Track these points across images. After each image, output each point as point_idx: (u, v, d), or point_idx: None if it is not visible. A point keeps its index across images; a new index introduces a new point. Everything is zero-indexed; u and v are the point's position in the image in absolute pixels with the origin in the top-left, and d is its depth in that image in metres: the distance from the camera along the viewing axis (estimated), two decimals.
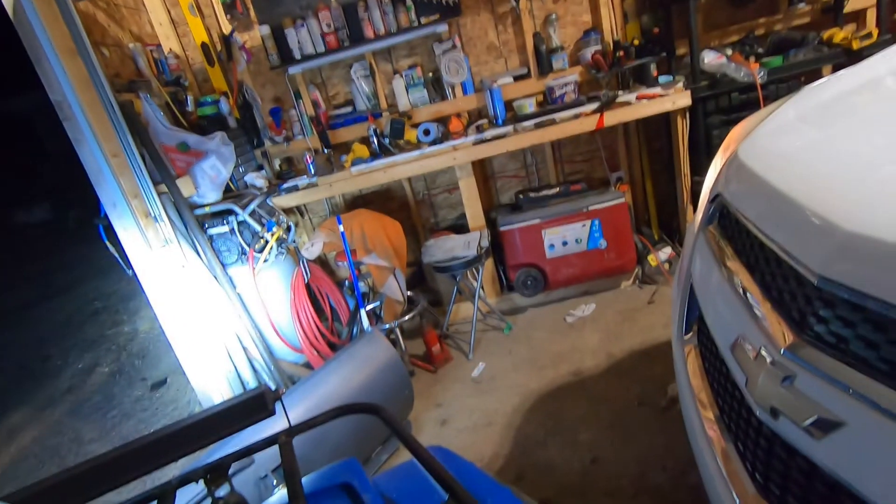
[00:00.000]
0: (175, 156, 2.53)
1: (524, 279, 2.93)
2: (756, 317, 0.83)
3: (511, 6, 2.94)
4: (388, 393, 2.06)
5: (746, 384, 0.80)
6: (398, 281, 2.65)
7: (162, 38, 2.98)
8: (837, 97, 1.13)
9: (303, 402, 1.87)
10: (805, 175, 0.88)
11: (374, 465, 2.06)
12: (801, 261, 0.74)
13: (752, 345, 0.81)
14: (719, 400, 0.99)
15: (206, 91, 3.13)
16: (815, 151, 0.94)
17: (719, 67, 2.57)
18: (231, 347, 2.58)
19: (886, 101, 1.02)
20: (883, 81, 1.13)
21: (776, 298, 0.81)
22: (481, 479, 0.86)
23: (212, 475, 0.67)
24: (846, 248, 0.66)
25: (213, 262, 2.49)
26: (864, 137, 0.90)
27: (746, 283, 0.88)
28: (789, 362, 0.72)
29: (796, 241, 0.77)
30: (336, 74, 3.21)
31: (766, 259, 0.87)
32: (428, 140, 2.90)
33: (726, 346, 0.89)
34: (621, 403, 2.10)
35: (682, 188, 2.86)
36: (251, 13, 3.01)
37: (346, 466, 0.85)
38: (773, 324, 0.79)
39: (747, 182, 1.00)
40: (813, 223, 0.74)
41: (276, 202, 2.86)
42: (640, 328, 2.58)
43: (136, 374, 3.66)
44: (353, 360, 2.05)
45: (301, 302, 2.72)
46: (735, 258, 0.97)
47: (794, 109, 1.17)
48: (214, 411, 0.70)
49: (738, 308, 0.89)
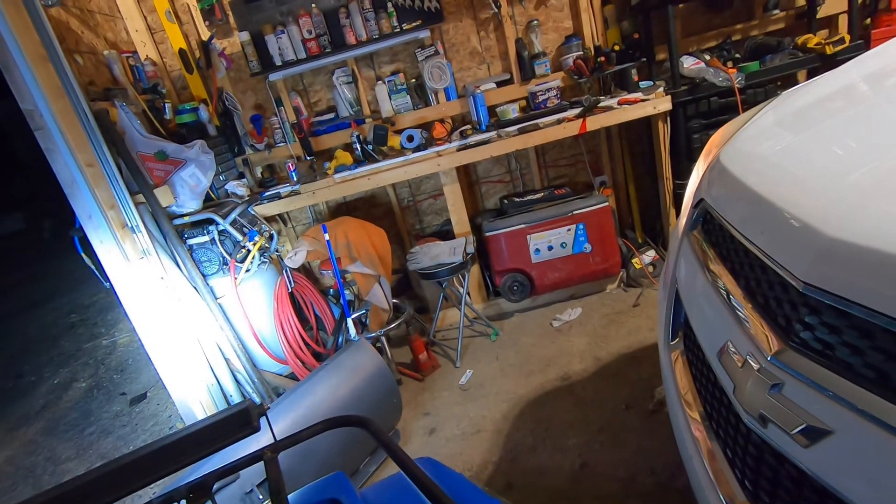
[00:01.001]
0: (153, 165, 2.48)
1: (510, 284, 2.93)
2: (742, 323, 0.83)
3: (493, 12, 2.95)
4: (376, 402, 2.04)
5: (734, 391, 0.80)
6: (383, 289, 2.62)
7: (138, 45, 2.92)
8: (816, 102, 1.15)
9: (289, 414, 1.83)
10: (787, 179, 0.88)
11: (362, 477, 2.03)
12: (785, 266, 0.74)
13: (739, 351, 0.81)
14: (707, 406, 0.99)
15: (185, 99, 3.07)
16: (796, 156, 0.95)
17: (698, 72, 2.60)
18: (213, 360, 2.53)
19: (863, 106, 1.03)
20: (858, 86, 1.15)
21: (762, 304, 0.81)
22: (470, 490, 0.86)
23: (194, 494, 0.65)
24: (829, 254, 0.66)
25: (194, 273, 2.44)
26: (844, 142, 0.91)
27: (731, 288, 0.89)
28: (776, 369, 0.72)
29: (780, 246, 0.77)
30: (318, 81, 3.18)
31: (751, 265, 0.87)
32: (412, 146, 2.89)
33: (713, 352, 0.89)
34: (609, 407, 2.10)
35: (665, 192, 2.89)
36: (230, 19, 2.97)
37: (334, 481, 0.84)
38: (758, 330, 0.78)
39: (730, 187, 1.01)
40: (796, 228, 0.74)
41: (258, 211, 2.82)
42: (626, 331, 2.59)
43: (114, 389, 3.56)
44: (340, 370, 2.02)
45: (285, 312, 2.68)
46: (719, 263, 0.97)
47: (774, 114, 1.19)
48: (197, 428, 0.68)
49: (724, 314, 0.89)
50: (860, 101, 1.09)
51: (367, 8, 2.85)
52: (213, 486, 0.67)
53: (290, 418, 1.82)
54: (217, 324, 2.48)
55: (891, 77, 1.07)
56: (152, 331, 2.33)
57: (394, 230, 3.46)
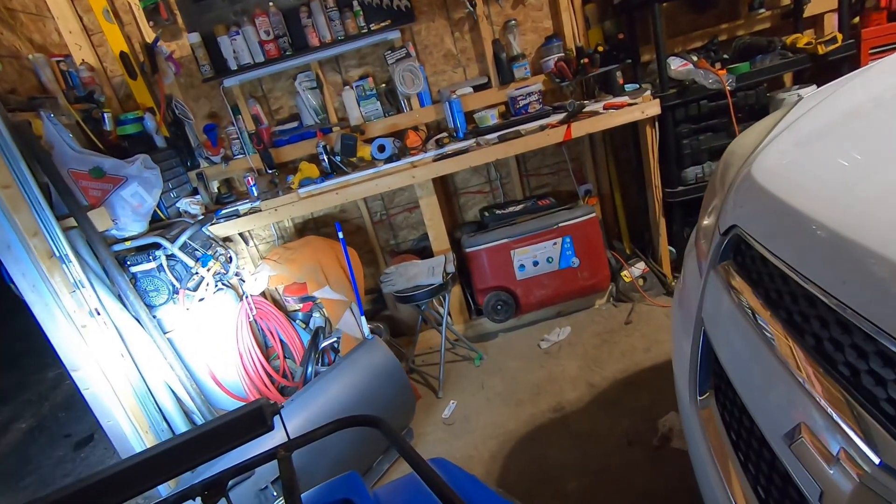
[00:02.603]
0: (88, 184, 2.18)
1: (494, 304, 2.72)
2: (819, 403, 0.63)
3: (467, 11, 2.75)
4: (389, 400, 2.04)
5: (822, 498, 0.59)
6: (355, 315, 2.37)
7: (73, 48, 2.61)
8: (857, 110, 0.97)
9: (303, 413, 1.83)
10: (857, 207, 0.69)
11: (375, 475, 2.03)
12: (886, 329, 0.54)
13: (825, 444, 0.61)
14: (761, 491, 0.79)
15: (130, 108, 2.76)
16: (861, 177, 0.76)
17: (687, 74, 2.45)
18: (163, 401, 2.23)
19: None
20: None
21: (848, 379, 0.61)
22: (483, 492, 0.83)
23: (209, 491, 0.65)
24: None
25: (137, 305, 2.14)
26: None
27: (798, 359, 0.68)
28: (889, 479, 0.52)
29: (878, 304, 0.57)
30: (279, 86, 2.92)
31: (821, 319, 0.67)
32: (383, 157, 2.65)
33: (778, 435, 0.69)
34: (610, 443, 1.90)
35: (654, 200, 2.73)
36: (178, 19, 2.68)
37: (347, 480, 0.85)
38: (849, 417, 0.58)
39: (777, 214, 0.81)
40: None
41: (214, 231, 2.54)
42: (620, 352, 2.41)
43: (58, 431, 3.21)
44: (353, 368, 2.01)
45: (245, 343, 2.40)
46: (771, 315, 0.77)
47: (810, 123, 1.00)
48: (211, 427, 0.67)
49: (790, 385, 0.68)
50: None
51: (331, 7, 2.60)
52: (228, 484, 0.67)
53: (303, 416, 1.81)
54: (165, 361, 2.19)
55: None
56: (87, 374, 2.03)
57: (366, 247, 3.21)
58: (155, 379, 2.20)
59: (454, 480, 0.77)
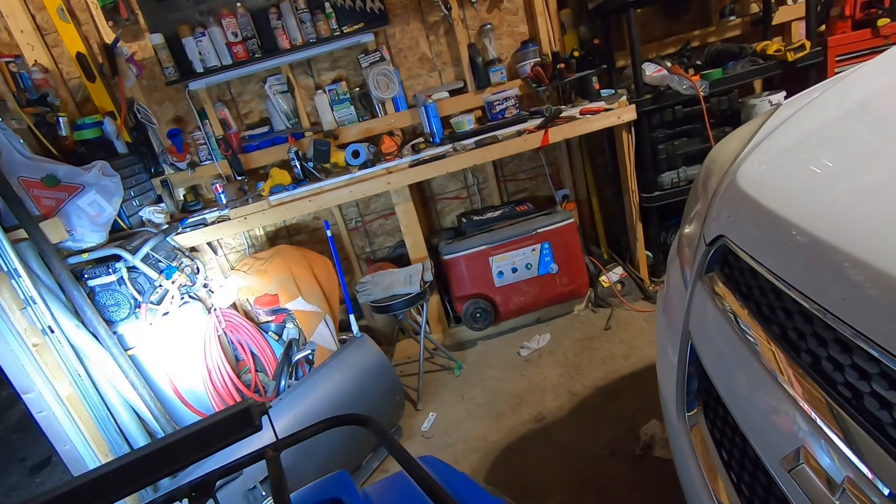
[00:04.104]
0: (40, 192, 2.05)
1: (473, 311, 2.67)
2: (820, 427, 0.60)
3: (443, 14, 2.70)
4: (379, 399, 2.04)
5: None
6: (329, 328, 2.29)
7: (24, 49, 2.46)
8: (844, 115, 0.95)
9: (291, 412, 1.81)
10: (851, 217, 0.66)
11: (364, 473, 2.01)
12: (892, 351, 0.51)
13: (827, 471, 0.57)
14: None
15: (88, 112, 2.62)
16: (852, 185, 0.73)
17: (661, 80, 2.46)
18: (125, 422, 2.11)
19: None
20: (885, 98, 0.97)
21: (850, 402, 0.58)
22: (472, 489, 0.83)
23: (196, 493, 0.65)
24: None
25: (96, 321, 2.02)
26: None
27: (792, 375, 0.65)
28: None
29: (879, 320, 0.54)
30: (248, 90, 2.81)
31: (817, 336, 0.64)
32: (358, 163, 2.58)
33: (775, 459, 0.65)
34: (592, 454, 1.87)
35: (631, 205, 2.73)
36: (140, 19, 2.56)
37: (336, 480, 0.85)
38: (853, 443, 0.55)
39: (766, 224, 0.78)
40: None
41: (180, 240, 2.42)
42: (600, 359, 2.39)
43: (12, 454, 3.01)
44: (342, 367, 2.00)
45: (214, 358, 2.29)
46: (762, 330, 0.74)
47: (794, 129, 0.99)
48: (198, 427, 0.66)
49: (788, 406, 0.65)
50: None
51: (302, 8, 2.53)
52: (216, 485, 0.66)
53: (292, 415, 1.80)
54: (127, 380, 2.07)
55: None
56: (40, 396, 1.89)
57: (341, 254, 3.12)
58: (116, 399, 2.07)
59: (443, 478, 0.75)
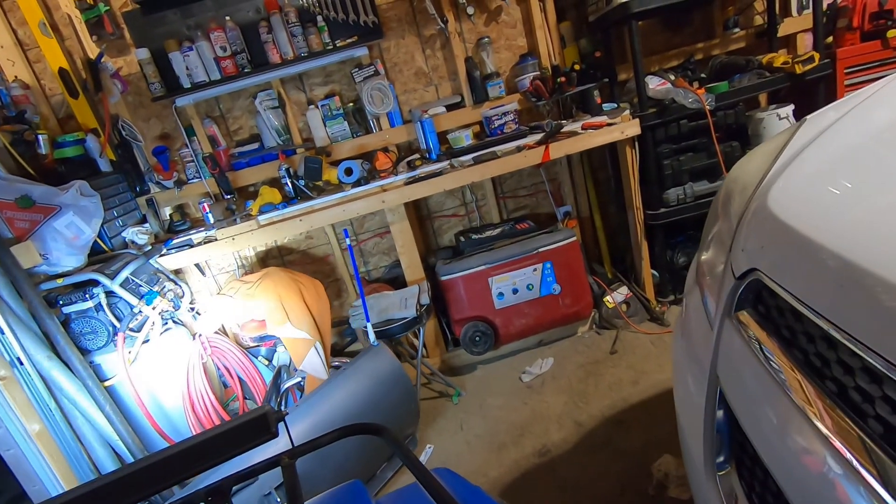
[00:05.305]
0: (13, 214, 1.94)
1: (472, 335, 2.55)
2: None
3: (439, 28, 2.63)
4: (394, 408, 2.01)
5: None
6: (320, 355, 2.16)
7: (3, 64, 2.37)
8: (878, 135, 0.85)
9: (307, 419, 1.80)
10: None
11: (378, 483, 1.99)
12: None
13: None
14: None
15: (72, 129, 2.52)
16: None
17: (666, 93, 2.37)
18: (101, 460, 1.97)
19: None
20: None
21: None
22: (486, 503, 0.83)
23: (213, 497, 0.65)
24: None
25: (70, 351, 1.89)
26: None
27: (848, 436, 0.54)
28: None
29: None
30: (238, 106, 2.72)
31: (888, 397, 0.53)
32: (351, 180, 2.47)
33: None
34: (602, 492, 1.74)
35: (636, 222, 2.62)
36: (125, 34, 2.48)
37: (350, 489, 0.84)
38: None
39: (811, 259, 0.67)
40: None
41: (164, 263, 2.30)
42: (606, 385, 2.26)
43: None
44: (358, 375, 1.97)
45: (197, 386, 2.16)
46: (812, 389, 0.62)
47: (823, 150, 0.88)
48: (216, 433, 0.67)
49: (848, 474, 0.53)
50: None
51: (293, 21, 2.44)
52: (231, 490, 0.66)
53: (307, 423, 1.79)
54: (102, 414, 1.93)
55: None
56: (7, 434, 1.76)
57: (334, 275, 3.01)
58: (91, 434, 1.94)
59: (458, 491, 0.73)
